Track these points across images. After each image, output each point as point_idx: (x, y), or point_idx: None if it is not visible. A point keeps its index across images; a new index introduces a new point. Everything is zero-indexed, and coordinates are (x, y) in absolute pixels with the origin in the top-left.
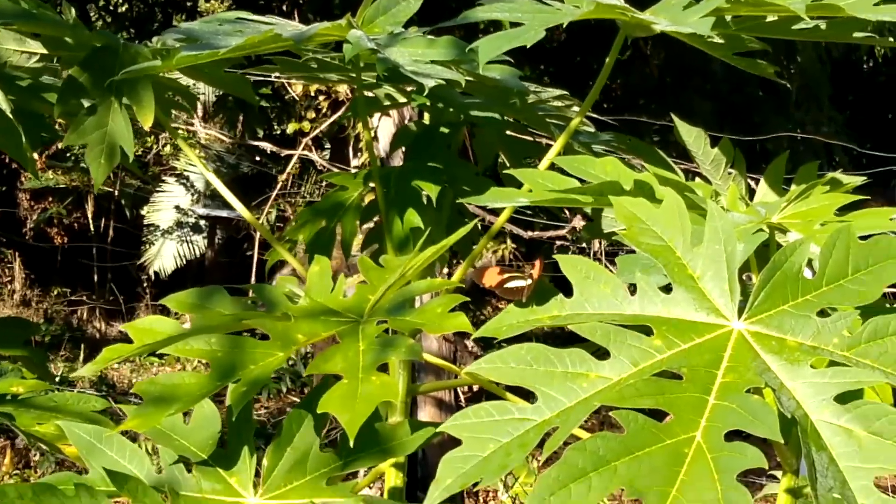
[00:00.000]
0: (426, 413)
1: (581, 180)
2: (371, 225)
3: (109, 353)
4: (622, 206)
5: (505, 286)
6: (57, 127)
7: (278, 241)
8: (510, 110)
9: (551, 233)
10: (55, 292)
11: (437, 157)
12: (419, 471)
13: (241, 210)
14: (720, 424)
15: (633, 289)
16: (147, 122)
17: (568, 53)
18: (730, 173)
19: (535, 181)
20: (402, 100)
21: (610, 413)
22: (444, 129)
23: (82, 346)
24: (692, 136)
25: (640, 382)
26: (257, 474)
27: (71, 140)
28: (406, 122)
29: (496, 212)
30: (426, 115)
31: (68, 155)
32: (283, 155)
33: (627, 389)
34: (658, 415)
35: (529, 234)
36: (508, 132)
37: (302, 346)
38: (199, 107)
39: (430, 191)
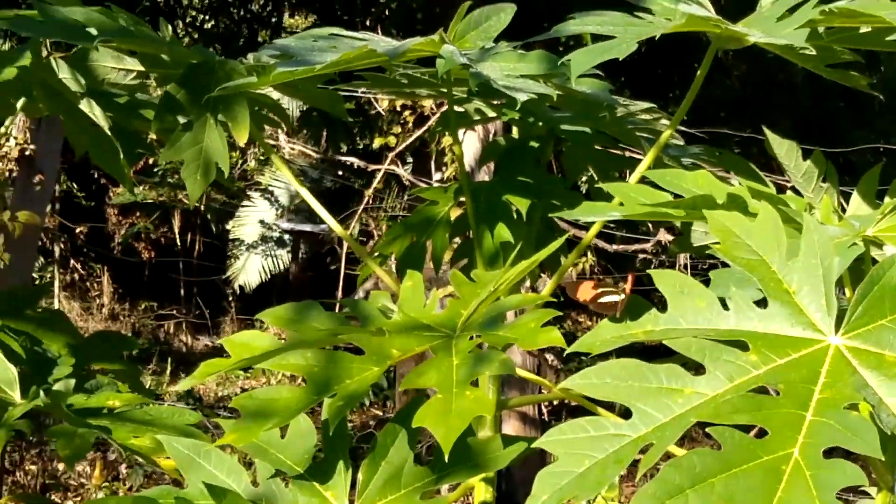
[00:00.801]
0: (510, 427)
1: (673, 194)
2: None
3: (207, 368)
4: (716, 219)
5: (599, 301)
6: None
7: (368, 255)
8: (599, 124)
9: (636, 246)
10: (143, 306)
11: (527, 172)
12: (503, 485)
13: (333, 225)
14: (818, 441)
15: (724, 303)
16: (242, 139)
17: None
18: (822, 186)
19: (627, 195)
20: (492, 114)
21: (706, 429)
22: (534, 144)
23: (169, 359)
24: (784, 148)
25: (736, 398)
26: (353, 488)
27: (167, 156)
28: (491, 136)
29: (582, 226)
30: (514, 129)
31: (155, 170)
32: (369, 169)
33: (724, 405)
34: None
35: (614, 247)
36: (596, 146)
37: (396, 361)
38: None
39: (520, 205)
